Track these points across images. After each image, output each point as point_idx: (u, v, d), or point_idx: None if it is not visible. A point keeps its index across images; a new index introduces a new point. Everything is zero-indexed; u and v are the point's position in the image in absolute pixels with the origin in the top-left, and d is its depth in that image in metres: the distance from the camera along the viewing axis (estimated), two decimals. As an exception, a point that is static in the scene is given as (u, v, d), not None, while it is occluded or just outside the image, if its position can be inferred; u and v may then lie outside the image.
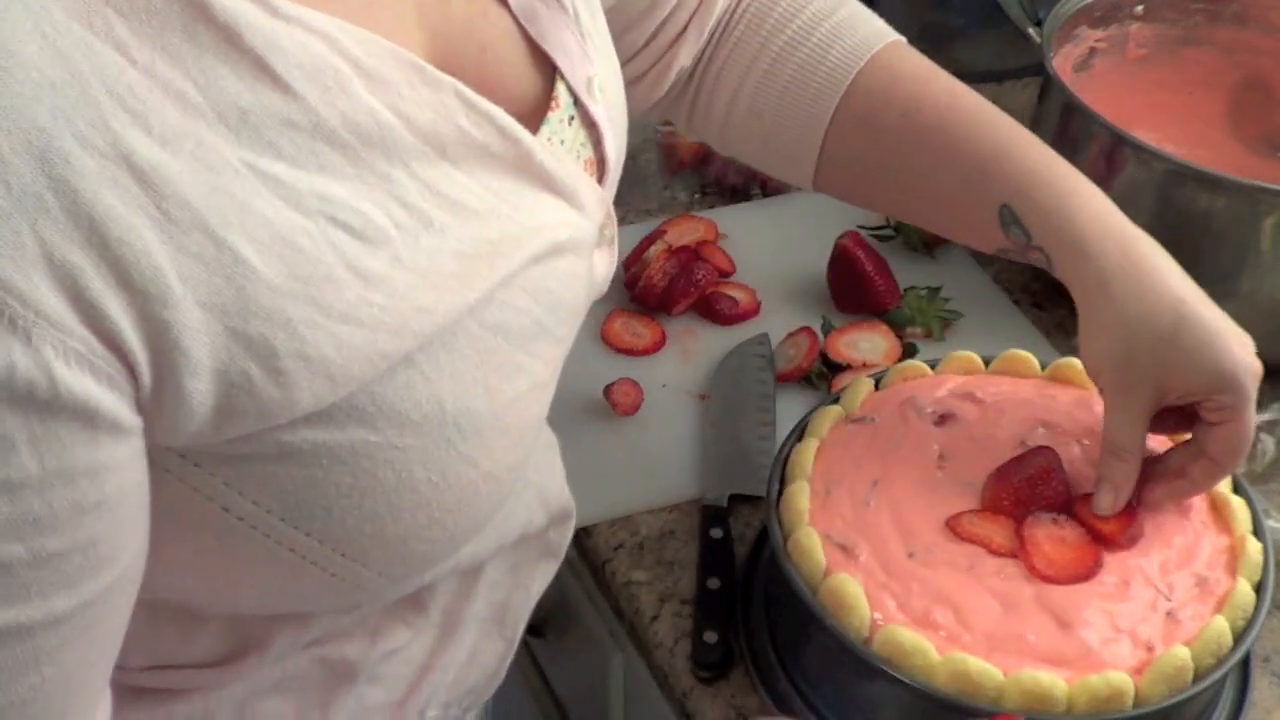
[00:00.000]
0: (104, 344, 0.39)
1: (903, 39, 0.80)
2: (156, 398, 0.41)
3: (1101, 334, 0.72)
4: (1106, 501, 0.72)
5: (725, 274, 1.06)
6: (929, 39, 1.33)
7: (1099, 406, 0.82)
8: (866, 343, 0.98)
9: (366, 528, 0.49)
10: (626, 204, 1.14)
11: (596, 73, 0.59)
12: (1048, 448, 0.75)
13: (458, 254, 0.48)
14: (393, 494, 0.48)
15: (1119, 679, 0.66)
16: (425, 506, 0.50)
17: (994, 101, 0.80)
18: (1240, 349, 0.71)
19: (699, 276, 1.03)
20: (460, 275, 0.48)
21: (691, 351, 1.00)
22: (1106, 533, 0.72)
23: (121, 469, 0.42)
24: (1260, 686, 0.79)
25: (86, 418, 0.40)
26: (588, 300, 0.60)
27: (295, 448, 0.45)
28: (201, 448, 0.44)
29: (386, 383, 0.46)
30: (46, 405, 0.39)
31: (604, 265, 0.62)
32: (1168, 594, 0.70)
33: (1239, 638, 0.69)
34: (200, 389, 0.42)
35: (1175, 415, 0.73)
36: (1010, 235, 0.74)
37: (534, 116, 0.55)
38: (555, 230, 0.54)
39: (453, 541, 0.53)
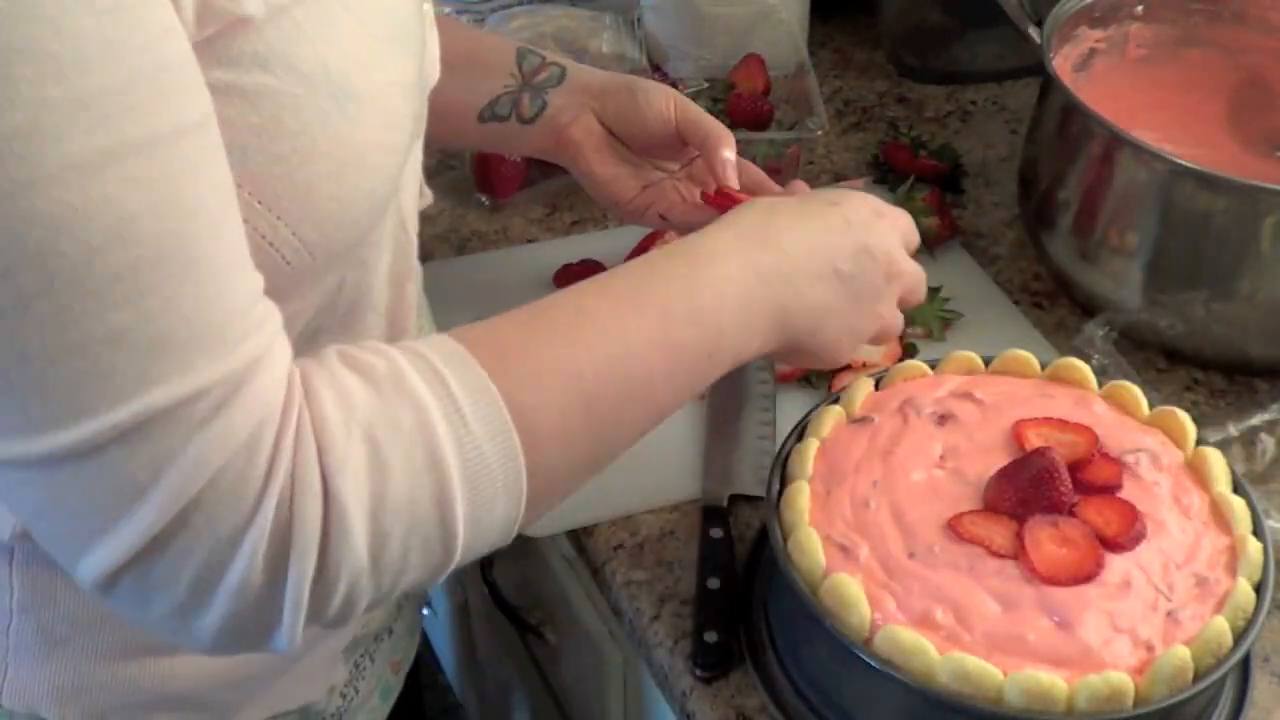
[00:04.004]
0: None
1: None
2: None
3: (644, 82, 0.92)
4: (733, 175, 0.88)
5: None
6: (929, 39, 1.34)
7: (1099, 406, 0.82)
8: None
9: (276, 169, 0.57)
10: (626, 204, 1.14)
11: None
12: (1049, 448, 0.75)
13: None
14: (294, 138, 0.57)
15: (1119, 679, 0.66)
16: (323, 156, 0.58)
17: (994, 102, 0.81)
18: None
19: None
20: None
21: (691, 351, 1.00)
22: (1108, 534, 0.72)
23: (171, 8, 0.51)
24: (1260, 686, 0.79)
25: None
26: (424, 42, 0.70)
27: (211, 86, 0.53)
28: None
29: (275, 33, 0.55)
30: None
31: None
32: (1168, 594, 0.70)
33: (1239, 638, 0.69)
34: None
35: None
36: (525, 64, 0.93)
37: None
38: None
39: (350, 207, 0.61)
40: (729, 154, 0.89)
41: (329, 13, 0.59)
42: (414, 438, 0.56)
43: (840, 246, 0.74)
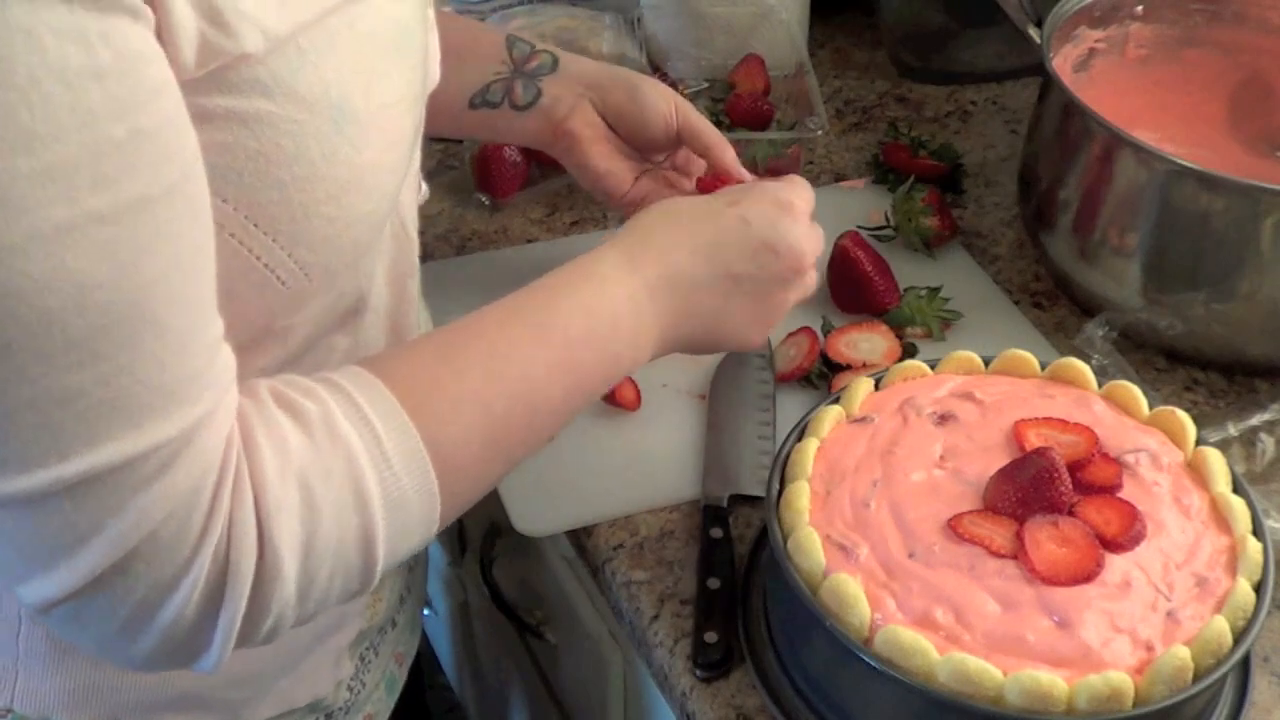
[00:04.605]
0: None
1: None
2: (157, 19, 0.51)
3: (647, 80, 0.94)
4: (740, 170, 0.94)
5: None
6: (929, 39, 1.34)
7: (1099, 406, 0.82)
8: (866, 343, 0.98)
9: (273, 194, 0.58)
10: (626, 204, 1.14)
11: None
12: (1049, 448, 0.75)
13: None
14: (292, 163, 0.57)
15: (1119, 679, 0.66)
16: (321, 180, 0.59)
17: (994, 102, 0.81)
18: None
19: None
20: None
21: (691, 351, 1.00)
22: (1108, 534, 0.72)
23: (165, 61, 0.51)
24: (1260, 686, 0.79)
25: (132, 14, 0.49)
26: (427, 51, 0.71)
27: (210, 112, 0.54)
28: None
29: (279, 60, 0.56)
30: (107, 4, 0.48)
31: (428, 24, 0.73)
32: (1168, 594, 0.70)
33: (1239, 638, 0.69)
34: (176, 34, 0.51)
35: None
36: (515, 51, 0.95)
37: None
38: None
39: (347, 229, 0.62)
40: (732, 156, 0.93)
41: (334, 35, 0.58)
42: (343, 484, 0.59)
43: (734, 247, 0.76)
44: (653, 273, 0.74)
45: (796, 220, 0.80)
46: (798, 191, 0.81)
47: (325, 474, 0.58)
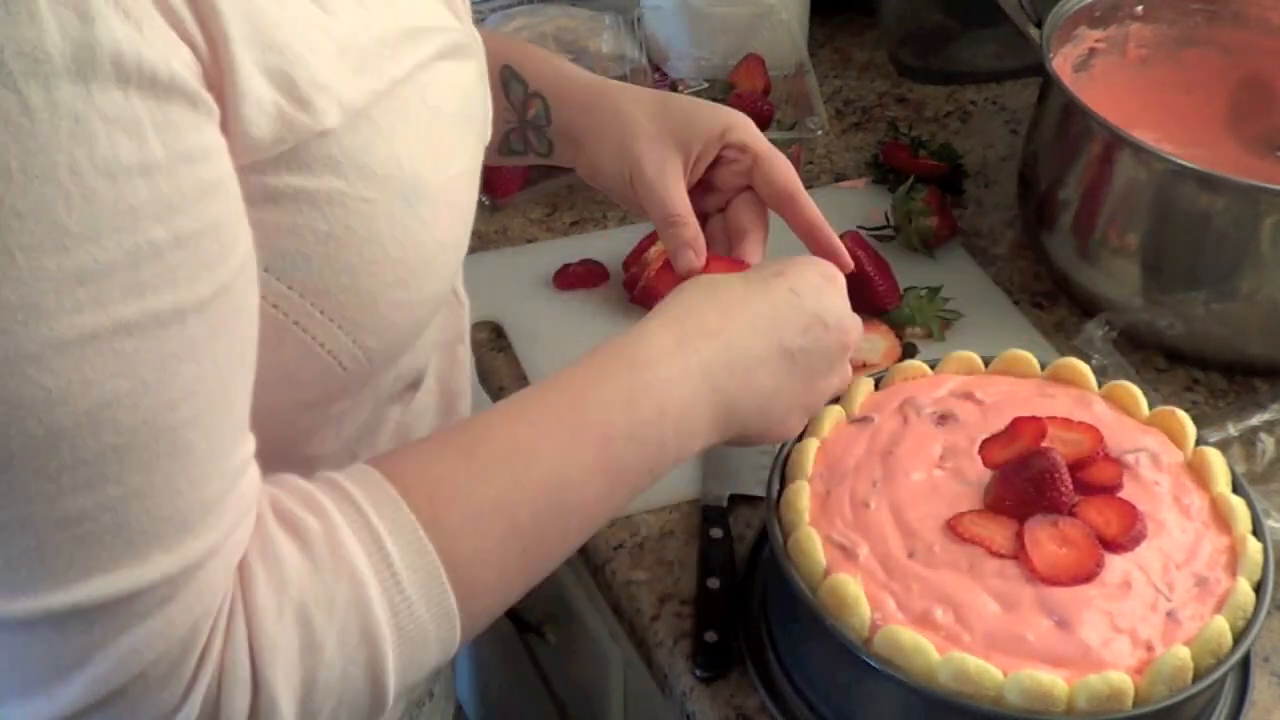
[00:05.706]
0: (189, 46, 0.46)
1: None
2: (223, 106, 0.48)
3: (611, 133, 0.84)
4: (686, 260, 0.80)
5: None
6: (929, 39, 1.34)
7: (1099, 406, 0.82)
8: (866, 343, 0.98)
9: (343, 279, 0.55)
10: (626, 204, 1.14)
11: None
12: (1049, 448, 0.75)
13: (380, 35, 0.56)
14: (363, 245, 0.54)
15: (1119, 679, 0.66)
16: (392, 263, 0.56)
17: (994, 102, 0.80)
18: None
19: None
20: (384, 52, 0.56)
21: (691, 351, 1.00)
22: (1108, 534, 0.72)
23: (224, 155, 0.48)
24: (1260, 686, 0.79)
25: (191, 102, 0.46)
26: (487, 113, 0.68)
27: (279, 192, 0.52)
28: None
29: (351, 135, 0.53)
30: (165, 89, 0.45)
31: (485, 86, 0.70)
32: (1168, 594, 0.71)
33: (1239, 638, 0.69)
34: (251, 113, 0.49)
35: None
36: (511, 93, 0.88)
37: None
38: (448, 33, 0.62)
39: (413, 311, 0.60)
40: (688, 238, 0.81)
41: (406, 105, 0.56)
42: (349, 614, 0.53)
43: (788, 321, 0.70)
44: (709, 352, 0.67)
45: (839, 294, 0.74)
46: (835, 271, 0.76)
47: (328, 604, 0.53)
